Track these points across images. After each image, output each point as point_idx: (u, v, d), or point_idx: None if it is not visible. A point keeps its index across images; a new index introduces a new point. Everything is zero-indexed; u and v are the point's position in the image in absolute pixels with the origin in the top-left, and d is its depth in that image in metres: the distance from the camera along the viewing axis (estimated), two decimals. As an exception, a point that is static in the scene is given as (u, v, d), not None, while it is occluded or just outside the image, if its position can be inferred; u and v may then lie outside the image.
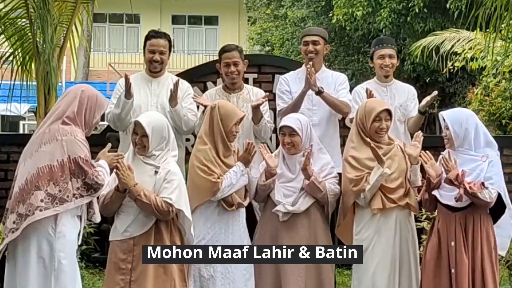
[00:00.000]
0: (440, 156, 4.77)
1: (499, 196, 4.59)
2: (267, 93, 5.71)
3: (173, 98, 5.36)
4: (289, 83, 5.88)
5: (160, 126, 4.62)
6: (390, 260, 4.89)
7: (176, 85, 5.35)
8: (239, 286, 4.84)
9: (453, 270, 4.61)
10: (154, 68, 5.68)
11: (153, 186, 4.49)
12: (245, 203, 4.96)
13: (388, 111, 5.01)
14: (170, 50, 5.77)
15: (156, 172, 4.54)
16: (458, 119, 4.74)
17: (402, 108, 5.99)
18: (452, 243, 4.63)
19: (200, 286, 4.80)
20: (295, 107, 5.66)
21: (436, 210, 4.91)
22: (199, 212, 4.86)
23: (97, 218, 4.49)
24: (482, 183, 4.55)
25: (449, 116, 4.77)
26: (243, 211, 4.99)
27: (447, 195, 4.65)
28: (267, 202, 5.10)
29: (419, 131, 5.14)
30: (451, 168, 4.60)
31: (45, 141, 4.21)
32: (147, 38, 5.70)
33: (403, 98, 6.06)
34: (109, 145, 4.59)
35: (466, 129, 4.69)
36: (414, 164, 4.93)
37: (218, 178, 4.77)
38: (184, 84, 5.70)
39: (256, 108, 5.50)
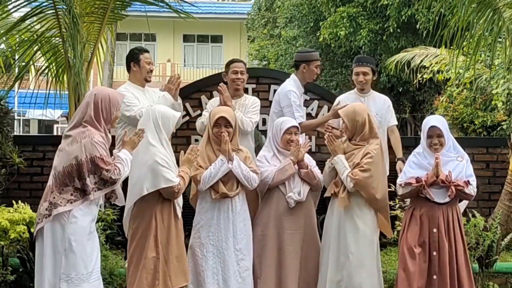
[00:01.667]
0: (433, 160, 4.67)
1: None
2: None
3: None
4: (300, 98, 5.80)
5: None
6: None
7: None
8: (230, 264, 4.76)
9: (434, 253, 4.61)
10: (150, 78, 5.76)
11: None
12: (231, 194, 4.81)
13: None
14: None
15: None
16: (445, 126, 4.72)
17: (378, 116, 5.97)
18: (435, 230, 4.62)
19: (194, 263, 4.78)
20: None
21: (409, 201, 4.89)
22: (197, 201, 4.90)
23: (121, 202, 4.44)
24: (468, 181, 4.58)
25: (441, 125, 4.68)
26: (237, 201, 4.86)
27: (436, 193, 4.63)
28: (268, 191, 5.03)
29: None
30: (440, 172, 4.57)
31: (69, 143, 4.17)
32: (140, 53, 5.72)
33: (378, 107, 6.05)
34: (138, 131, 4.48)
35: (450, 135, 4.72)
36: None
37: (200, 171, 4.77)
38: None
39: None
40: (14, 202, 5.79)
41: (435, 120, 4.75)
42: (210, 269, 4.75)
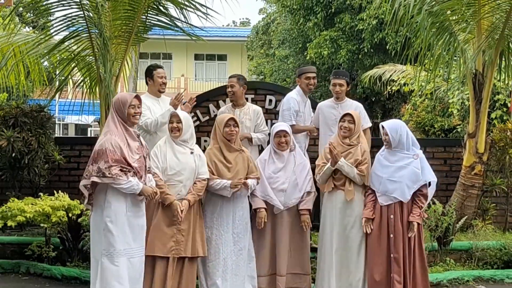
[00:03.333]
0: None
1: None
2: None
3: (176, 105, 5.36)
4: (299, 105, 5.75)
5: (188, 118, 4.72)
6: None
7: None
8: (228, 245, 4.75)
9: (391, 235, 4.60)
10: (163, 89, 5.61)
11: (194, 162, 4.58)
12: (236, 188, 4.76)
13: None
14: None
15: (191, 153, 4.62)
16: (394, 127, 4.69)
17: None
18: (392, 216, 4.62)
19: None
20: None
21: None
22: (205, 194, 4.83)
23: (151, 182, 4.34)
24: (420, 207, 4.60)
25: (388, 126, 4.70)
26: (237, 193, 4.78)
27: (385, 198, 4.66)
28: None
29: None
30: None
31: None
32: (154, 69, 5.56)
33: None
34: None
35: (401, 135, 4.66)
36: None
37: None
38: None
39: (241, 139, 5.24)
40: (55, 192, 5.80)
41: (385, 122, 4.79)
42: (213, 247, 4.75)
